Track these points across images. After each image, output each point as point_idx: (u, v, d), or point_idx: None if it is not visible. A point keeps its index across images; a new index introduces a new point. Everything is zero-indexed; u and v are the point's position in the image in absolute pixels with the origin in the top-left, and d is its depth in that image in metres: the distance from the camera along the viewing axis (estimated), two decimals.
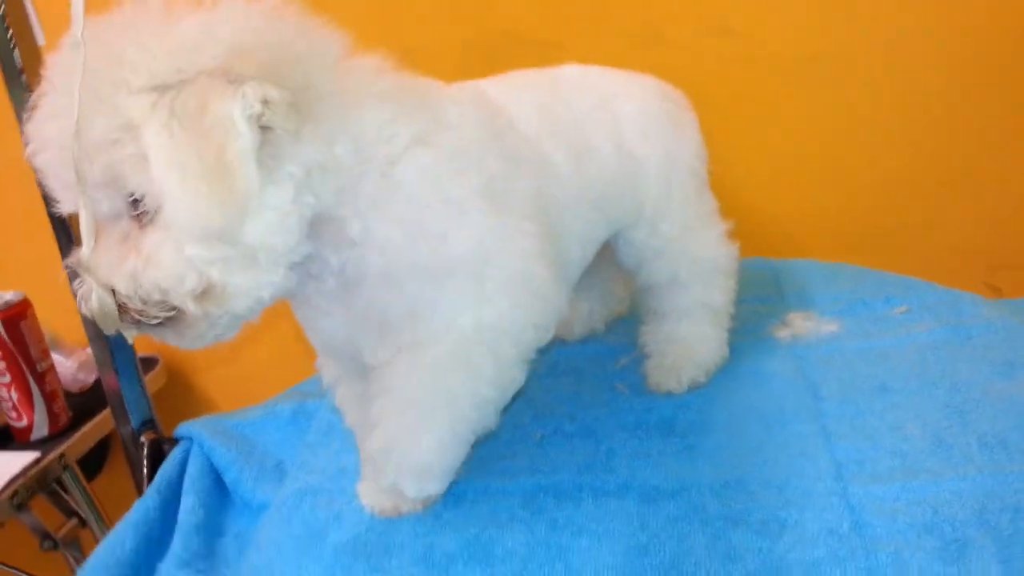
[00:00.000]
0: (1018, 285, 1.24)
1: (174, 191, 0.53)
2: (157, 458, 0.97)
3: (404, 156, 0.62)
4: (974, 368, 0.80)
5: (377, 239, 0.62)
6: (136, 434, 0.97)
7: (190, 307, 0.56)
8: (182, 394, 1.44)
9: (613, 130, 0.80)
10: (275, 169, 0.56)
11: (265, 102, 0.54)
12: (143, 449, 0.97)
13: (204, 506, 0.87)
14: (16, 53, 0.85)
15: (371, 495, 0.72)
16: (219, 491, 0.92)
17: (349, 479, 0.76)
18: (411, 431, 0.67)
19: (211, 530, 0.87)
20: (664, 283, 0.87)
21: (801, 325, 0.92)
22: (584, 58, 1.28)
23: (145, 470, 0.96)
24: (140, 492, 0.96)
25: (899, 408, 0.76)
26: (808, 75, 1.20)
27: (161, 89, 0.53)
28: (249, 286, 0.57)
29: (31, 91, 0.84)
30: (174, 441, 0.97)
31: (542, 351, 0.71)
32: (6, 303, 1.12)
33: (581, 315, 0.99)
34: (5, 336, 1.11)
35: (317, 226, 0.61)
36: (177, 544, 0.83)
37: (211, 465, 0.93)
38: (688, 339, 0.86)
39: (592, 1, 1.24)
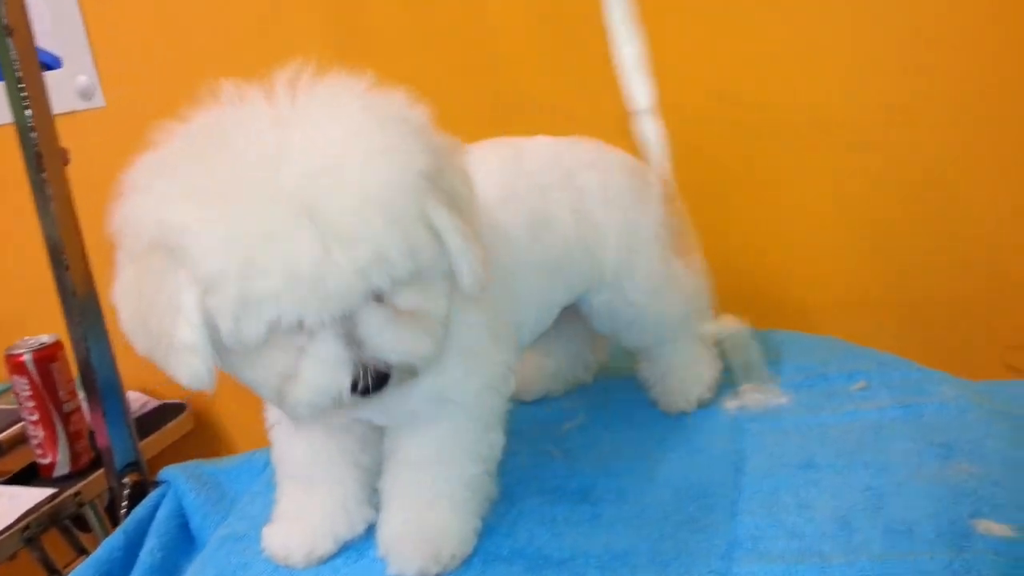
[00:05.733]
0: None
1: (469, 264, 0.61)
2: (140, 500, 1.03)
3: None
4: (911, 449, 0.76)
5: None
6: (119, 476, 1.03)
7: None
8: (209, 439, 1.51)
9: (576, 199, 0.83)
10: None
11: None
12: (125, 490, 1.02)
13: (163, 548, 0.91)
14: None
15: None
16: (183, 535, 0.96)
17: None
18: (433, 517, 0.71)
19: (167, 572, 0.91)
20: (649, 344, 0.93)
21: (751, 397, 0.90)
22: (591, 123, 1.31)
23: (123, 511, 1.01)
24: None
25: (817, 486, 0.73)
26: (815, 142, 1.18)
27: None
28: None
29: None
30: (158, 484, 1.02)
31: None
32: (40, 344, 1.22)
33: (543, 375, 1.00)
34: (36, 376, 1.21)
35: None
36: None
37: (181, 509, 0.97)
38: (686, 363, 0.93)
39: (598, 68, 1.26)
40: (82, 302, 0.98)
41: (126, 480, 1.04)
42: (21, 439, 1.36)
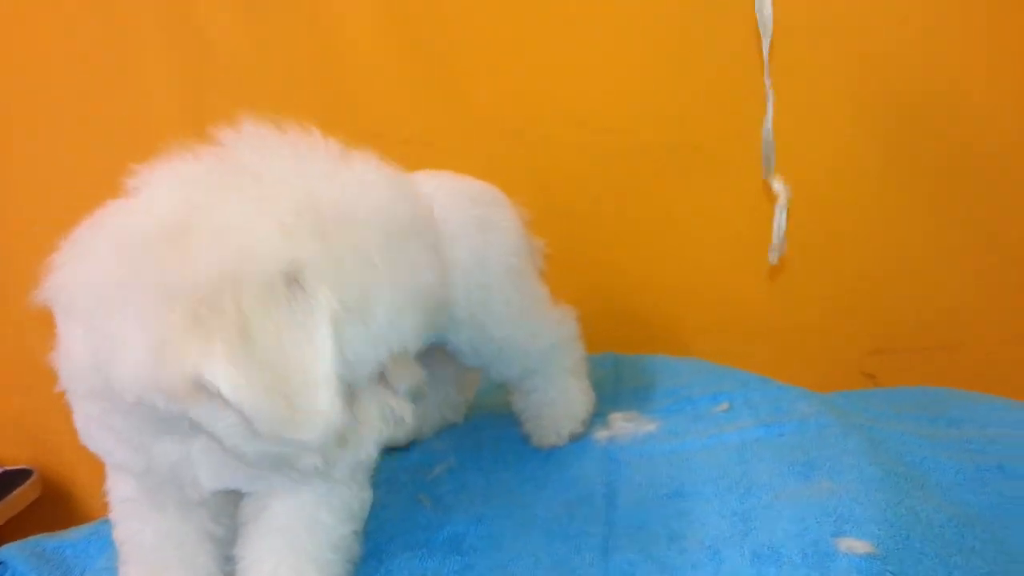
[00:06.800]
0: (892, 369, 1.21)
1: None
2: None
3: None
4: (774, 470, 0.77)
5: None
6: None
7: None
8: (59, 506, 1.40)
9: None
10: None
11: None
12: None
13: None
14: None
15: None
16: None
17: None
18: None
19: None
20: (516, 376, 0.91)
21: (621, 426, 0.89)
22: (455, 156, 1.29)
23: None
24: None
25: (686, 516, 0.73)
26: (672, 163, 1.20)
27: None
28: None
29: None
30: None
31: None
32: None
33: None
34: None
35: None
36: None
37: None
38: (558, 398, 0.92)
39: (459, 101, 1.25)
40: None
41: None
42: None
